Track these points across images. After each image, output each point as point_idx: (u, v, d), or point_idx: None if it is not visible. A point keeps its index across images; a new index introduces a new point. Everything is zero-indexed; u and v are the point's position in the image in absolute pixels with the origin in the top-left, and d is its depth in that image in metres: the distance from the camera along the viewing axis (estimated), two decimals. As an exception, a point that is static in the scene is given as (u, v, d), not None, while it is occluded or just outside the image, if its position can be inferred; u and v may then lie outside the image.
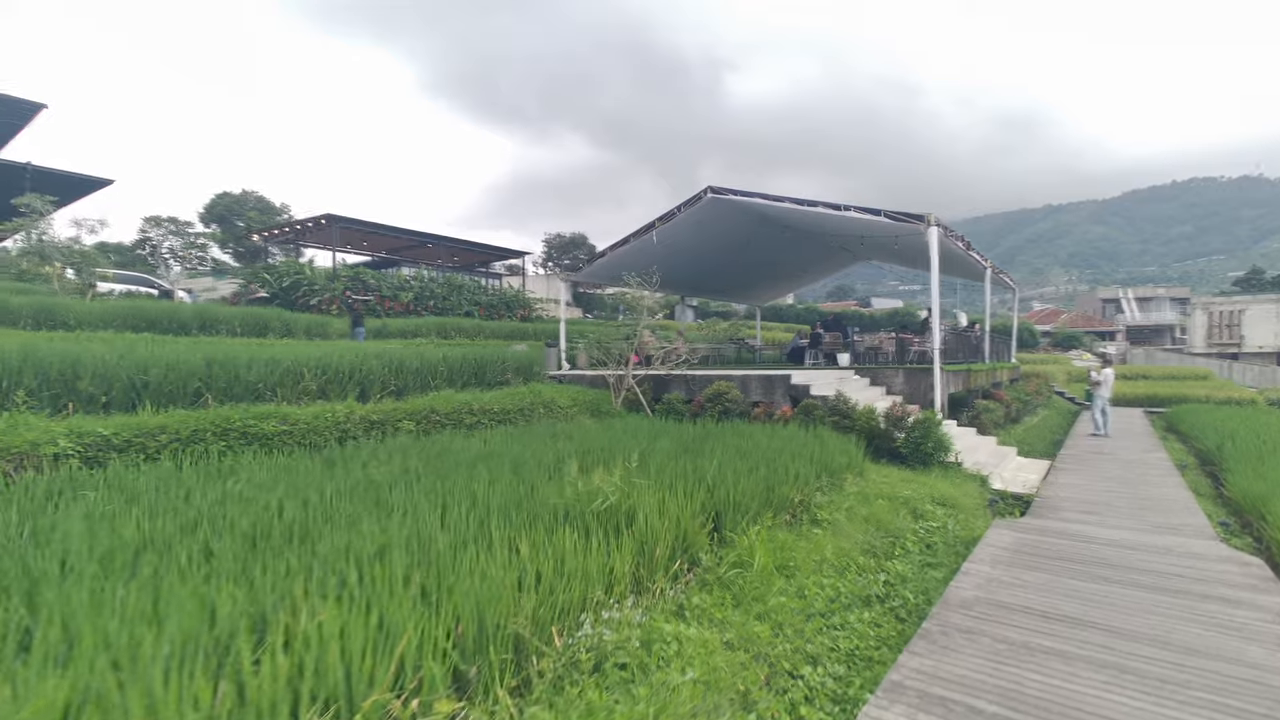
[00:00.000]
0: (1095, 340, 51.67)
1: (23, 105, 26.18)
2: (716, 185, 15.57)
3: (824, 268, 24.19)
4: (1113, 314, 63.55)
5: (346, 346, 9.83)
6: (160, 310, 12.76)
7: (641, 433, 7.83)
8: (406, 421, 7.74)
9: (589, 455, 5.92)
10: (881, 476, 7.51)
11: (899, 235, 13.53)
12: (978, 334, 17.84)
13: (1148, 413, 21.73)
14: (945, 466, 8.89)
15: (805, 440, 7.38)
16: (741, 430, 8.09)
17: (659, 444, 6.80)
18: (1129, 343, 53.69)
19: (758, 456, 6.21)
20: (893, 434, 9.18)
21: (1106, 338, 55.48)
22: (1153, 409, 22.53)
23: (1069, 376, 29.53)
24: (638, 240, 17.35)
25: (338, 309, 25.16)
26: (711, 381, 11.50)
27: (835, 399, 9.86)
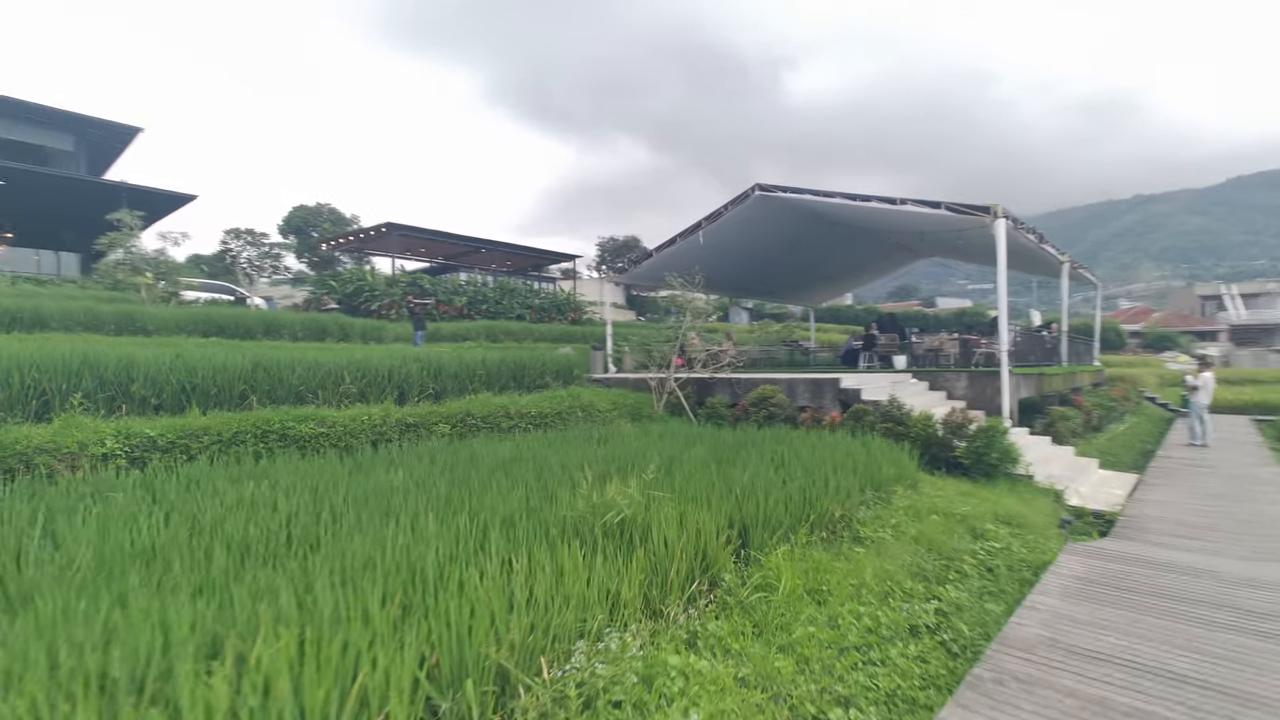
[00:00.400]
0: (1193, 341, 47.12)
1: (122, 129, 28.69)
2: (765, 183, 15.07)
3: (882, 267, 23.07)
4: (1213, 312, 57.82)
5: (389, 350, 10.05)
6: (229, 317, 13.50)
7: (677, 438, 7.53)
8: (442, 424, 7.76)
9: (617, 462, 5.69)
10: (937, 490, 6.90)
11: (962, 229, 12.63)
12: (1054, 334, 16.47)
13: (1256, 421, 19.48)
14: (1012, 479, 8.12)
15: (852, 448, 6.88)
16: (784, 437, 7.66)
17: (692, 451, 6.49)
18: (1233, 344, 48.67)
19: (796, 466, 5.80)
20: (952, 443, 8.48)
21: (1206, 338, 50.52)
22: (1263, 417, 20.18)
23: (1161, 381, 26.95)
24: (684, 241, 17.07)
25: (396, 313, 26.16)
26: (757, 385, 11.04)
27: (888, 404, 9.22)
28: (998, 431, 8.17)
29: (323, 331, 14.73)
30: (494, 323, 23.92)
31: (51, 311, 10.99)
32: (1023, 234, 12.65)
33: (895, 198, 12.74)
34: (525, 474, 5.14)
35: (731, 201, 15.68)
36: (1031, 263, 16.50)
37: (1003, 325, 11.39)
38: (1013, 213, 11.94)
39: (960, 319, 42.98)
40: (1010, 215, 11.77)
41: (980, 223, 11.77)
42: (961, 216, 11.89)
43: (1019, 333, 14.73)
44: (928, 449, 8.58)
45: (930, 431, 8.59)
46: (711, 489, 4.66)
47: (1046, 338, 15.85)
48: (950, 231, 13.02)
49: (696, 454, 6.33)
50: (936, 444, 8.53)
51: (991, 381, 11.57)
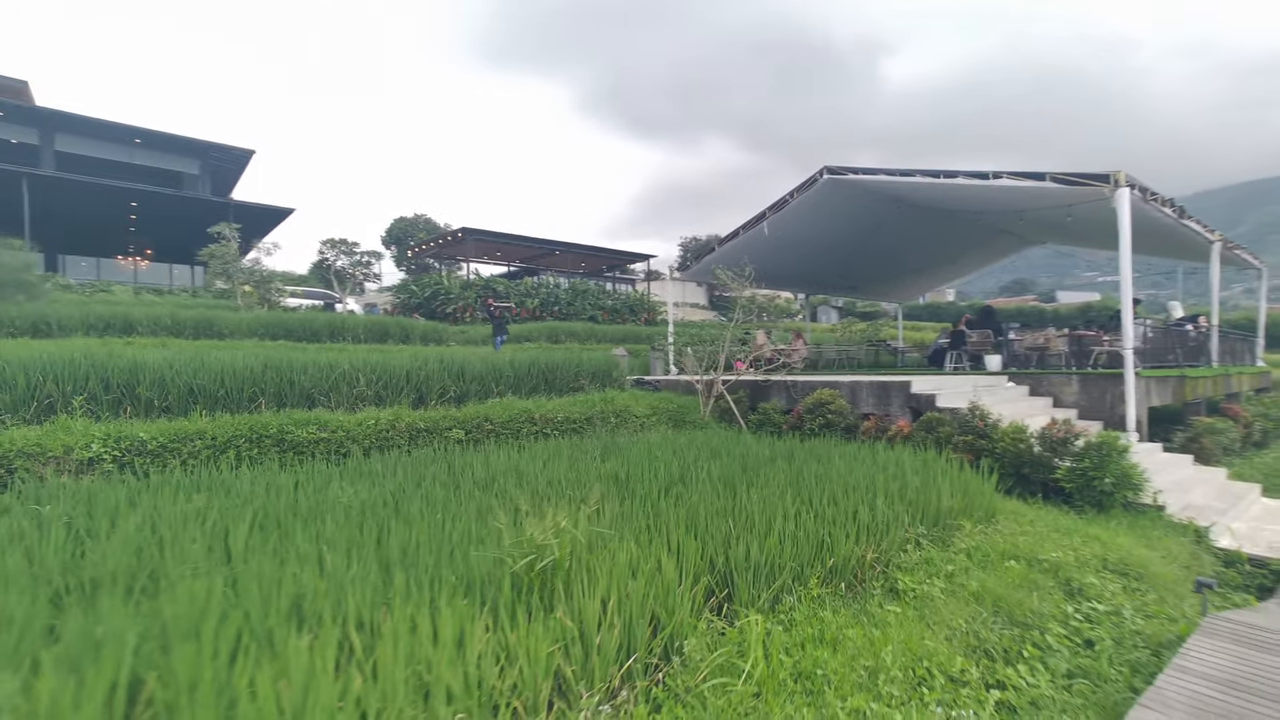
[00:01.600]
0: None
1: (238, 152, 31.65)
2: (834, 165, 13.65)
3: (980, 256, 20.52)
4: None
5: (439, 352, 9.89)
6: (298, 321, 14.12)
7: (704, 450, 6.61)
8: (456, 430, 7.34)
9: (609, 480, 4.89)
10: (1024, 524, 5.49)
11: (1072, 204, 10.60)
12: (1201, 329, 13.62)
13: None
14: (1133, 511, 6.43)
15: (907, 467, 5.64)
16: (828, 451, 6.50)
17: (711, 466, 5.56)
18: None
19: (828, 489, 4.73)
20: (1051, 462, 6.89)
21: None
22: None
23: (1353, 384, 21.95)
24: (748, 233, 15.94)
25: (471, 316, 26.88)
26: (815, 389, 9.80)
27: (968, 412, 7.72)
28: (1113, 448, 6.50)
29: (384, 334, 15.08)
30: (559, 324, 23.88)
31: (139, 318, 11.89)
32: (1155, 207, 10.42)
33: (987, 171, 10.96)
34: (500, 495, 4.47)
35: (798, 188, 14.37)
36: (1170, 244, 13.77)
37: (1126, 317, 9.37)
38: (1142, 181, 9.83)
39: (1084, 315, 37.80)
40: (1138, 184, 9.70)
41: (1096, 195, 9.79)
42: (1071, 189, 9.97)
43: (1151, 327, 12.26)
44: (1018, 470, 7.05)
45: (1021, 448, 7.04)
46: (697, 520, 3.76)
47: (1191, 333, 13.12)
48: (1057, 209, 10.99)
49: (713, 470, 5.40)
50: (1030, 463, 6.97)
51: (1112, 386, 9.58)
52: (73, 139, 27.08)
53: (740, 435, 9.64)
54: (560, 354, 10.73)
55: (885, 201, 14.74)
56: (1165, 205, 10.83)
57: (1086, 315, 36.67)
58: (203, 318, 12.77)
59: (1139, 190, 9.81)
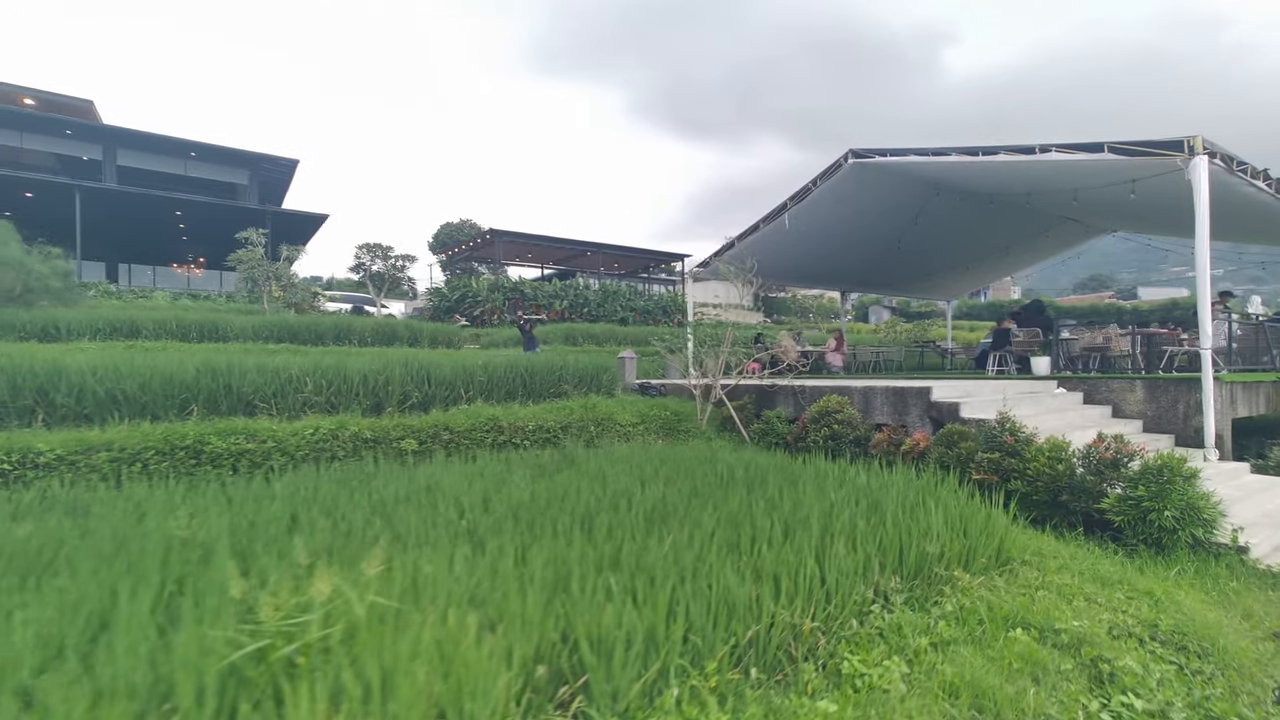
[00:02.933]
0: None
1: (284, 162, 32.77)
2: (859, 147, 12.42)
3: (1037, 247, 18.57)
4: None
5: (381, 354, 9.40)
6: (305, 324, 14.04)
7: (664, 465, 5.72)
8: (408, 439, 6.73)
9: (516, 515, 4.09)
10: (1049, 571, 4.34)
11: (1137, 179, 9.03)
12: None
13: None
14: (1204, 553, 5.09)
15: (900, 494, 4.58)
16: (802, 471, 5.48)
17: (656, 491, 4.67)
18: None
19: (784, 527, 3.78)
20: (1097, 487, 5.61)
21: None
22: None
23: None
24: (768, 225, 14.86)
25: (498, 318, 26.69)
26: (824, 395, 8.67)
27: (996, 425, 6.48)
28: (1176, 472, 5.18)
29: (391, 336, 14.85)
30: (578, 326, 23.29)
31: (145, 322, 11.99)
32: (1244, 180, 8.74)
33: (1033, 145, 9.55)
34: (372, 532, 3.74)
35: (821, 174, 13.20)
36: (1268, 225, 11.77)
37: (1204, 311, 7.83)
38: (1224, 148, 8.24)
39: (1170, 312, 34.11)
40: (1220, 151, 8.14)
41: (1166, 166, 8.28)
42: (1135, 160, 8.49)
43: (1241, 322, 10.43)
44: (1054, 497, 5.79)
45: (1059, 469, 5.78)
46: (571, 572, 2.91)
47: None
48: (1119, 185, 9.43)
49: (656, 495, 4.52)
50: (1069, 489, 5.71)
51: (1185, 392, 8.05)
52: (133, 154, 28.65)
53: (734, 448, 8.66)
54: (543, 359, 10.01)
55: (921, 187, 13.35)
56: (1258, 178, 9.09)
57: (1171, 313, 33.13)
58: (207, 320, 12.82)
59: (1221, 159, 8.23)
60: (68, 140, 27.27)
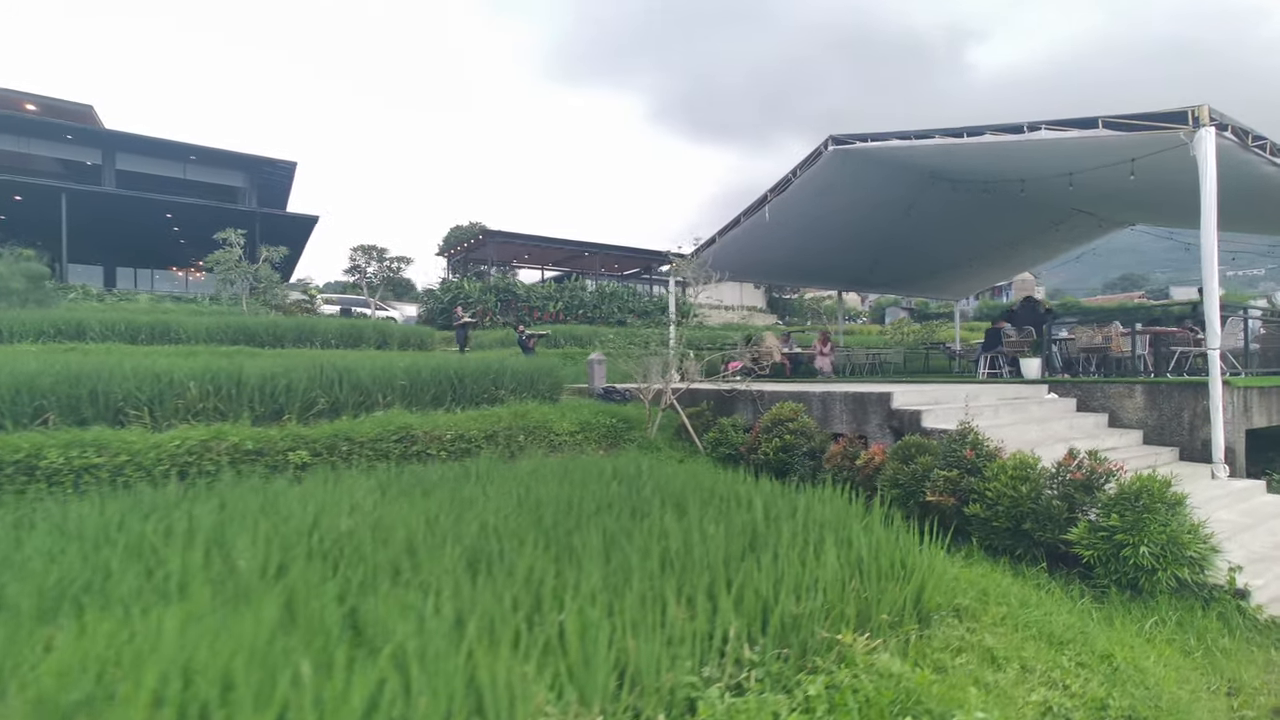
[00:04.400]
0: None
1: (282, 165, 32.75)
2: (840, 133, 11.54)
3: (1046, 242, 17.38)
4: None
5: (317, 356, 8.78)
6: (264, 325, 13.59)
7: (589, 483, 4.96)
8: (300, 450, 6.08)
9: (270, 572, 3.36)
10: (982, 625, 3.48)
11: (1137, 158, 8.03)
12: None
13: None
14: (1189, 598, 4.16)
15: (804, 523, 3.76)
16: (725, 492, 4.67)
17: (517, 522, 3.92)
18: None
19: (630, 572, 3.01)
20: (1065, 513, 4.70)
21: None
22: None
23: None
24: (749, 219, 14.01)
25: (490, 320, 26.17)
26: (782, 401, 7.82)
27: (958, 435, 5.60)
28: (1156, 498, 4.26)
29: (358, 339, 14.33)
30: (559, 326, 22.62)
31: (92, 323, 11.62)
32: (1260, 156, 7.69)
33: (1021, 124, 8.62)
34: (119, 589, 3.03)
35: (801, 163, 12.35)
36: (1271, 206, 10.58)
37: (1211, 306, 6.83)
38: (1236, 120, 7.23)
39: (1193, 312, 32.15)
40: (1231, 123, 7.14)
41: (1169, 141, 7.31)
42: (1133, 135, 7.53)
43: (1265, 318, 9.30)
44: (1017, 524, 4.89)
45: (1023, 491, 4.88)
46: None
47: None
48: (1117, 166, 8.41)
49: (498, 528, 3.76)
50: (1033, 516, 4.81)
51: (1191, 399, 7.06)
52: (133, 158, 28.80)
53: (680, 459, 7.87)
54: (506, 359, 9.33)
55: (912, 177, 12.41)
56: (1279, 155, 8.02)
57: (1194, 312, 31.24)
58: (159, 322, 12.42)
59: (1233, 132, 7.22)
60: (69, 145, 27.50)
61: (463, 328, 18.35)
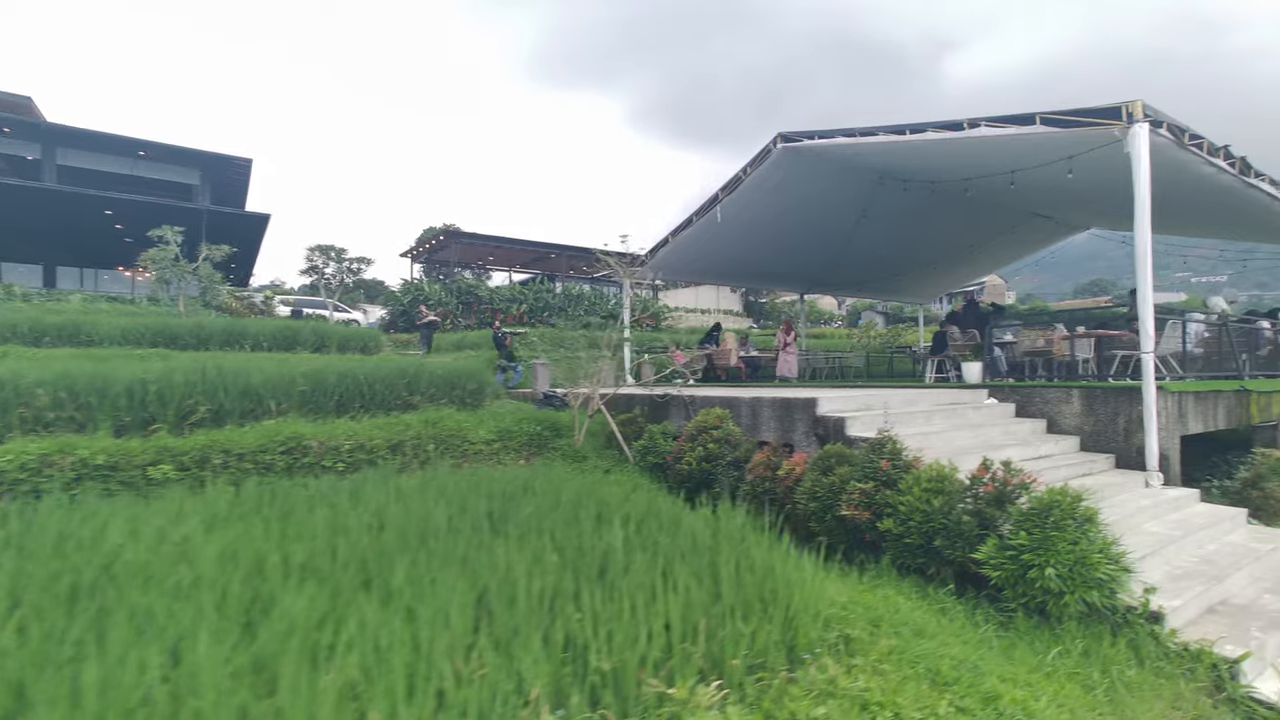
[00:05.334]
0: None
1: (237, 162, 31.67)
2: (789, 130, 11.24)
3: (1007, 245, 17.31)
4: None
5: (197, 358, 8.19)
6: (186, 327, 12.84)
7: (468, 500, 4.48)
8: (164, 464, 5.51)
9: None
10: (858, 665, 3.08)
11: (1074, 155, 7.80)
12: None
13: None
14: (1099, 623, 3.81)
15: (690, 542, 3.34)
16: (601, 511, 4.22)
17: (332, 563, 3.43)
18: None
19: (435, 622, 2.54)
20: (975, 531, 4.34)
21: None
22: None
23: None
24: (701, 219, 13.63)
25: (452, 323, 25.49)
26: (711, 406, 7.41)
27: (874, 444, 5.23)
28: (1066, 513, 3.91)
29: (292, 341, 13.62)
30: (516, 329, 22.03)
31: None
32: (1197, 155, 7.50)
33: (961, 120, 8.37)
34: None
35: (751, 162, 12.01)
36: (1234, 215, 10.51)
37: (1145, 310, 6.58)
38: (1171, 117, 7.01)
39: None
40: (1166, 120, 6.92)
41: (1104, 137, 7.07)
42: (1069, 132, 7.29)
43: (1207, 322, 9.16)
44: (928, 541, 4.52)
45: (934, 505, 4.52)
46: None
47: (1267, 332, 9.85)
48: (1057, 164, 8.19)
49: (308, 563, 3.27)
50: (944, 532, 4.44)
51: (1126, 404, 6.81)
52: (76, 153, 27.55)
53: (606, 470, 7.43)
54: (393, 365, 8.77)
55: (865, 177, 12.16)
56: (1216, 155, 7.86)
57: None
58: (69, 323, 11.64)
59: (1169, 130, 7.00)
60: (4, 139, 26.21)
61: (427, 327, 17.62)
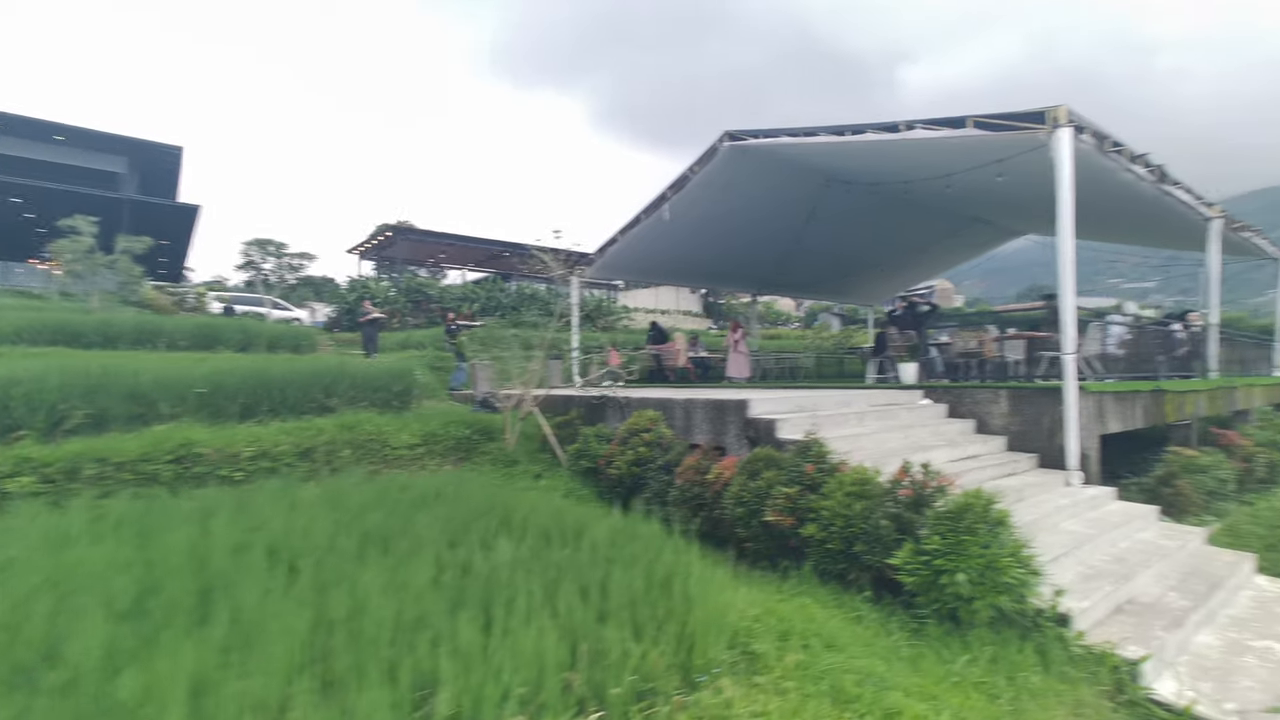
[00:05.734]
0: None
1: (167, 149, 29.90)
2: (736, 129, 11.14)
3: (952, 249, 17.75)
4: None
5: (82, 358, 7.54)
6: (91, 324, 11.91)
7: (365, 515, 4.10)
8: (23, 478, 4.94)
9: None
10: (761, 682, 2.89)
11: (1004, 159, 7.93)
12: (1191, 326, 10.72)
13: None
14: (1010, 628, 3.75)
15: (587, 556, 3.08)
16: (505, 522, 3.94)
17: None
18: None
19: None
20: (893, 535, 4.24)
21: None
22: None
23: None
24: (649, 218, 13.40)
25: (399, 322, 24.60)
26: (645, 408, 7.20)
27: (799, 447, 5.11)
28: (979, 517, 3.85)
29: (213, 339, 12.77)
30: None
31: None
32: (1118, 162, 7.71)
33: (897, 122, 8.40)
34: None
35: (698, 160, 11.86)
36: (1152, 221, 10.96)
37: (1067, 310, 6.70)
38: (1094, 123, 7.17)
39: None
40: (1089, 125, 7.06)
41: (1032, 141, 7.17)
42: (999, 135, 7.37)
43: (1128, 324, 9.48)
44: (849, 546, 4.40)
45: (855, 510, 4.41)
46: None
47: (1178, 334, 10.29)
48: (987, 167, 8.32)
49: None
50: (864, 537, 4.33)
51: (1050, 405, 6.91)
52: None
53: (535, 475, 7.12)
54: (307, 365, 8.27)
55: (809, 176, 12.19)
56: (1136, 162, 8.11)
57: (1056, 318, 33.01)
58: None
59: (1092, 135, 7.16)
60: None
61: (371, 324, 16.56)
